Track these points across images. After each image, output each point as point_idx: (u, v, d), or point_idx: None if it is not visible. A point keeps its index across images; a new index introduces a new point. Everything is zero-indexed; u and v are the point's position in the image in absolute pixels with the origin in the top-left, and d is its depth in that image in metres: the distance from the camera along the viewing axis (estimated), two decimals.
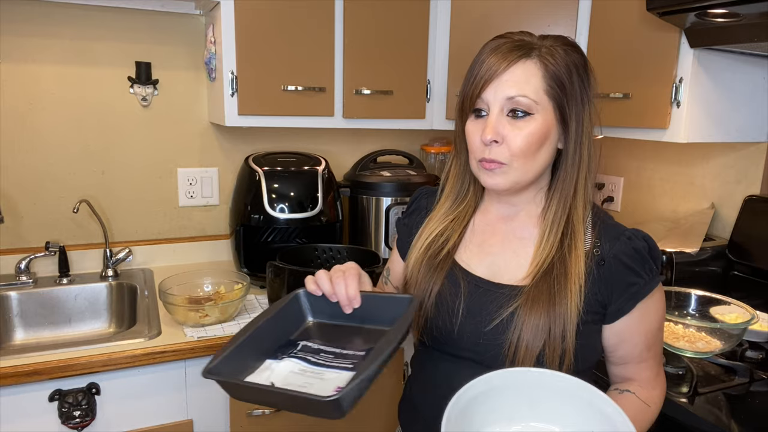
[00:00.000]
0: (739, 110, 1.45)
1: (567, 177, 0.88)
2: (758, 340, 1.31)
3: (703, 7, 1.14)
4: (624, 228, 0.88)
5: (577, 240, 0.86)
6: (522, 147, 0.83)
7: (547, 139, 0.85)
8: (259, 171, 1.68)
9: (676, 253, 1.49)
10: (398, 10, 1.75)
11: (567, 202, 0.88)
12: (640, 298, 0.84)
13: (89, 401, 1.28)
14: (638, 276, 0.84)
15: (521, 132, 0.83)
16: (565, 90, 0.84)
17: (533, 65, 0.83)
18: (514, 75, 0.83)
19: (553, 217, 0.88)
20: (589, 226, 0.88)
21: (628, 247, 0.85)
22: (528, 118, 0.83)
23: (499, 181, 0.86)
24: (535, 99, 0.83)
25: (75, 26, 1.70)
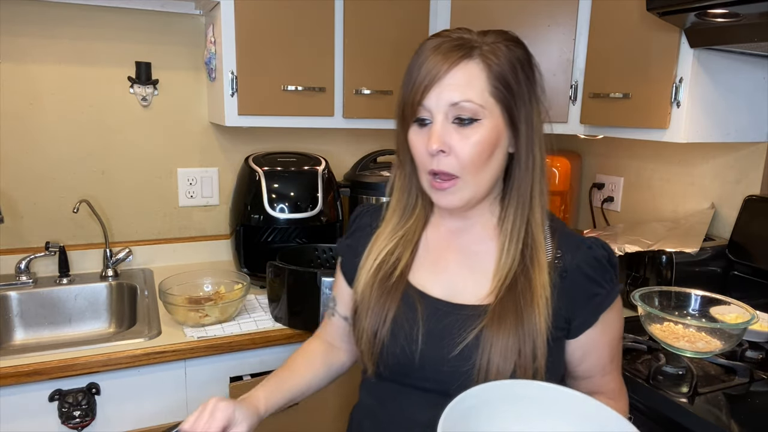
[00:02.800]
0: (739, 110, 1.45)
1: (522, 183, 0.82)
2: (758, 340, 1.31)
3: (703, 7, 1.14)
4: (582, 237, 0.85)
5: (539, 250, 0.81)
6: (472, 156, 0.77)
7: (497, 145, 0.79)
8: (259, 171, 1.68)
9: (676, 253, 1.49)
10: (398, 10, 1.75)
11: (525, 210, 0.82)
12: (604, 308, 0.81)
13: (89, 401, 1.28)
14: (600, 286, 0.81)
15: (469, 140, 0.76)
16: (512, 90, 0.78)
17: (476, 66, 0.76)
18: (456, 78, 0.76)
19: (512, 227, 0.82)
20: (548, 236, 0.84)
21: (590, 257, 0.81)
22: (475, 124, 0.77)
23: (452, 200, 0.80)
24: (481, 103, 0.76)
25: (75, 26, 1.70)
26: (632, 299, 1.27)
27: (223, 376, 1.43)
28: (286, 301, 1.42)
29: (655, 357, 1.22)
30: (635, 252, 1.53)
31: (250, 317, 1.51)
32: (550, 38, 1.69)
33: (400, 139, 0.85)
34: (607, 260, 0.82)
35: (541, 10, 1.68)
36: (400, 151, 0.87)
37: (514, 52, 0.79)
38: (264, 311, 1.55)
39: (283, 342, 1.45)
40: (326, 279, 1.35)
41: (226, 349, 1.39)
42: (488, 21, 1.75)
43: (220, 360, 1.41)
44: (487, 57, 0.77)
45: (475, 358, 0.76)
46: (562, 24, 1.66)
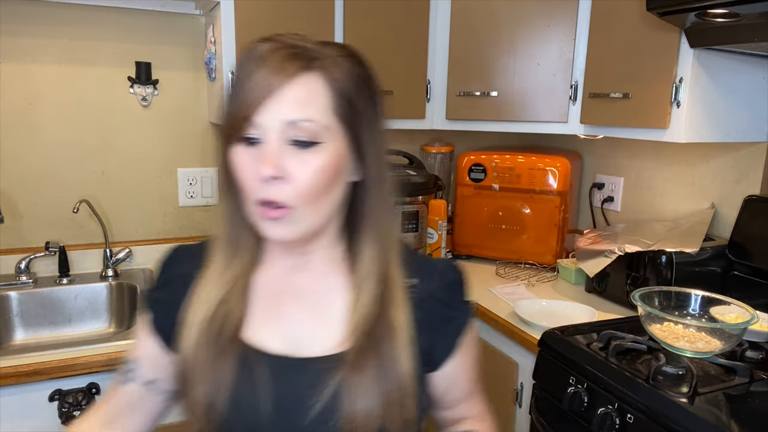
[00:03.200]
0: (739, 110, 1.45)
1: (374, 213, 0.72)
2: (758, 340, 1.31)
3: (703, 7, 1.14)
4: (433, 261, 0.80)
5: (396, 286, 0.72)
6: (311, 185, 0.64)
7: (340, 172, 0.67)
8: None
9: (676, 253, 1.49)
10: (398, 10, 1.75)
11: (380, 244, 0.72)
12: (461, 332, 0.76)
13: (89, 401, 1.28)
14: (455, 309, 0.76)
15: (309, 166, 0.64)
16: (357, 109, 0.68)
17: (317, 80, 0.65)
18: (295, 92, 0.63)
19: (366, 263, 0.72)
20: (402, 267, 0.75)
21: (443, 282, 0.75)
22: (316, 147, 0.64)
23: (284, 233, 0.67)
24: (324, 123, 0.65)
25: (75, 26, 1.70)
26: (632, 299, 1.27)
27: None
28: None
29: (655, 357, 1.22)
30: (635, 252, 1.53)
31: None
32: (550, 38, 1.69)
33: (220, 161, 0.69)
34: (460, 282, 0.77)
35: (541, 10, 1.68)
36: (222, 178, 0.71)
37: (358, 68, 0.70)
38: None
39: None
40: None
41: None
42: (488, 21, 1.75)
43: None
44: (330, 71, 0.66)
45: (338, 416, 0.66)
46: (562, 24, 1.66)
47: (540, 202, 1.95)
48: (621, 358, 1.22)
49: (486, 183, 2.01)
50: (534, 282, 1.85)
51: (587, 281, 1.75)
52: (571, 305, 1.61)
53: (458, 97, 1.84)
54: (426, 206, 1.91)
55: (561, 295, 1.73)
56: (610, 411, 1.12)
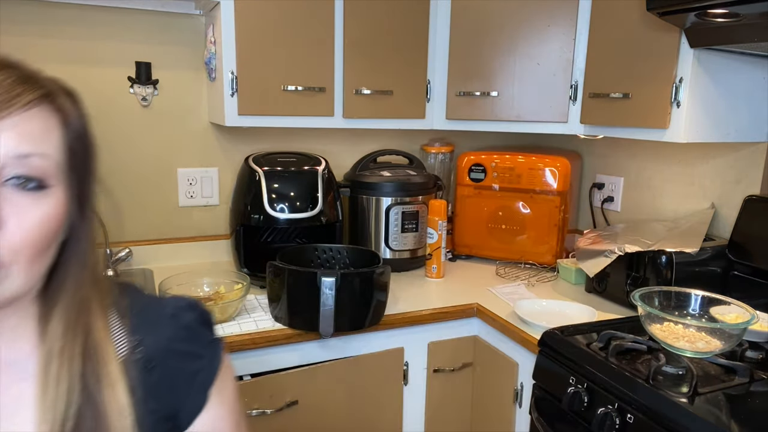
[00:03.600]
0: (739, 110, 1.45)
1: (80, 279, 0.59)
2: (758, 340, 1.31)
3: (703, 7, 1.14)
4: (162, 303, 0.67)
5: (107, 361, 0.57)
6: (34, 239, 0.52)
7: (62, 224, 0.56)
8: (259, 171, 1.68)
9: (676, 253, 1.49)
10: (398, 10, 1.75)
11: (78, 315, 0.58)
12: (211, 382, 0.65)
13: None
14: (200, 357, 0.65)
15: (34, 213, 0.52)
16: (88, 156, 0.59)
17: (51, 115, 0.55)
18: (28, 124, 0.52)
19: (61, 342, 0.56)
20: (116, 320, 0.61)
21: (177, 329, 0.64)
22: (44, 192, 0.53)
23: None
24: (58, 161, 0.55)
25: (75, 26, 1.70)
26: (632, 299, 1.27)
27: None
28: (286, 301, 1.43)
29: (655, 357, 1.22)
30: (635, 252, 1.53)
31: (250, 317, 1.51)
32: (550, 38, 1.69)
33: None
34: (200, 322, 0.66)
35: (541, 10, 1.68)
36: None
37: (82, 109, 0.61)
38: (264, 311, 1.55)
39: (284, 342, 1.45)
40: (326, 279, 1.35)
41: (226, 349, 1.38)
42: (488, 21, 1.76)
43: None
44: (63, 107, 0.57)
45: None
46: (562, 24, 1.66)
47: (540, 202, 1.95)
48: (621, 358, 1.22)
49: (486, 183, 2.01)
50: (534, 282, 1.85)
51: (587, 281, 1.75)
52: (571, 305, 1.61)
53: (458, 97, 1.84)
54: (426, 206, 1.91)
55: (561, 295, 1.73)
56: (610, 411, 1.12)
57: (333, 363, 1.50)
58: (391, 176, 1.90)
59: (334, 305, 1.36)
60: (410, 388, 1.62)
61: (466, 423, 1.72)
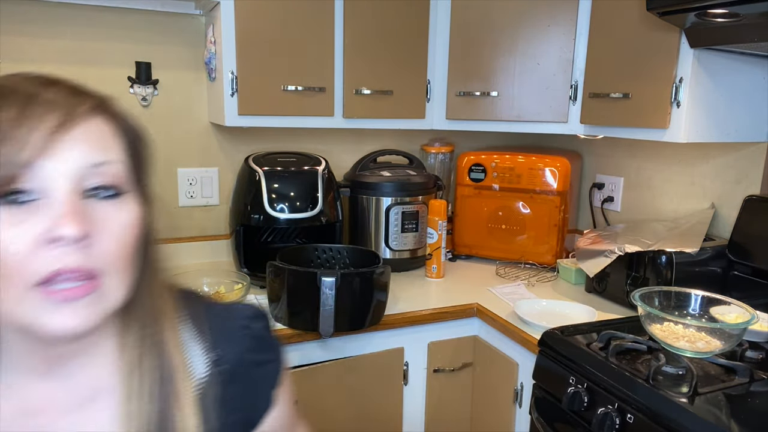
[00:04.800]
0: (739, 110, 1.45)
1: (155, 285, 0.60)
2: (758, 340, 1.31)
3: (703, 7, 1.14)
4: (232, 313, 0.67)
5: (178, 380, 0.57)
6: (122, 246, 0.52)
7: (142, 228, 0.56)
8: (259, 171, 1.68)
9: (676, 253, 1.49)
10: (398, 10, 1.75)
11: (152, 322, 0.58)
12: (276, 383, 0.69)
13: None
14: (270, 362, 0.69)
15: (119, 219, 0.52)
16: (142, 159, 0.58)
17: (104, 121, 0.54)
18: (91, 133, 0.51)
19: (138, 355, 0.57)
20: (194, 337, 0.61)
21: (251, 340, 0.66)
22: (121, 198, 0.53)
23: (89, 316, 0.50)
24: (126, 166, 0.54)
25: (75, 26, 1.70)
26: (632, 299, 1.27)
27: None
28: (286, 301, 1.43)
29: (655, 357, 1.22)
30: (635, 252, 1.53)
31: None
32: (550, 38, 1.69)
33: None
34: (267, 329, 0.69)
35: (541, 10, 1.68)
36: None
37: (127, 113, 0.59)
38: None
39: (283, 342, 1.44)
40: (326, 279, 1.35)
41: None
42: (488, 21, 1.76)
43: None
44: (112, 111, 0.55)
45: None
46: (562, 24, 1.66)
47: (540, 202, 1.95)
48: (621, 358, 1.22)
49: (486, 183, 2.01)
50: (534, 282, 1.85)
51: (587, 281, 1.75)
52: (571, 305, 1.61)
53: (458, 97, 1.84)
54: (426, 206, 1.91)
55: (561, 295, 1.73)
56: (610, 411, 1.12)
57: (333, 363, 1.50)
58: (391, 176, 1.90)
59: (334, 305, 1.36)
60: (410, 388, 1.62)
61: (466, 423, 1.72)
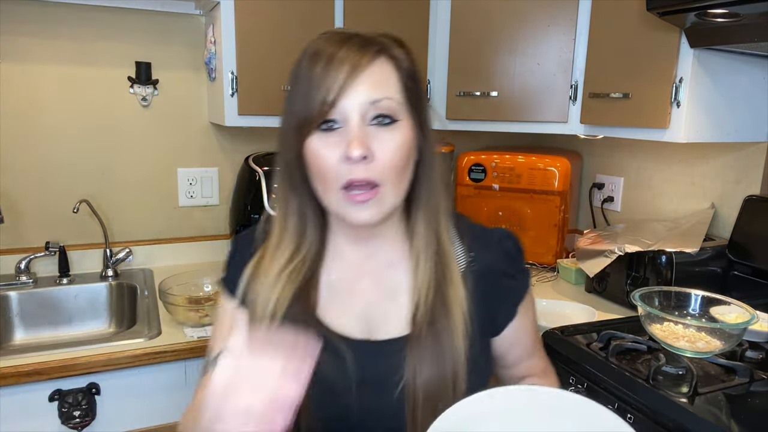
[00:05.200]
0: (739, 110, 1.45)
1: (430, 190, 0.75)
2: (758, 340, 1.31)
3: (703, 7, 1.14)
4: (489, 231, 0.83)
5: (449, 261, 0.76)
6: (395, 161, 0.69)
7: (413, 148, 0.72)
8: (259, 171, 1.68)
9: (676, 253, 1.49)
10: (398, 10, 1.75)
11: (433, 221, 0.76)
12: (521, 299, 0.82)
13: (89, 401, 1.28)
14: (514, 278, 0.81)
15: (392, 143, 0.68)
16: (419, 90, 0.74)
17: (387, 63, 0.70)
18: (374, 75, 0.68)
19: (423, 242, 0.75)
20: (457, 239, 0.79)
21: (501, 252, 0.80)
22: (396, 125, 0.69)
23: (372, 214, 0.69)
24: (399, 100, 0.70)
25: (75, 26, 1.70)
26: (632, 299, 1.27)
27: None
28: None
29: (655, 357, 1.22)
30: (635, 252, 1.53)
31: None
32: (550, 38, 1.69)
33: (289, 158, 0.72)
34: (516, 249, 0.82)
35: (541, 10, 1.68)
36: (291, 172, 0.74)
37: (409, 53, 0.74)
38: None
39: None
40: None
41: None
42: (488, 21, 1.75)
43: None
44: (395, 56, 0.71)
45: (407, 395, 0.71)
46: (562, 24, 1.66)
47: (540, 202, 1.94)
48: (621, 358, 1.22)
49: (486, 183, 2.01)
50: (534, 282, 1.85)
51: (587, 281, 1.75)
52: (571, 305, 1.61)
53: (458, 97, 1.84)
54: None
55: (561, 295, 1.73)
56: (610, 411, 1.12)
57: None
58: None
59: None
60: None
61: None
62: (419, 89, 0.74)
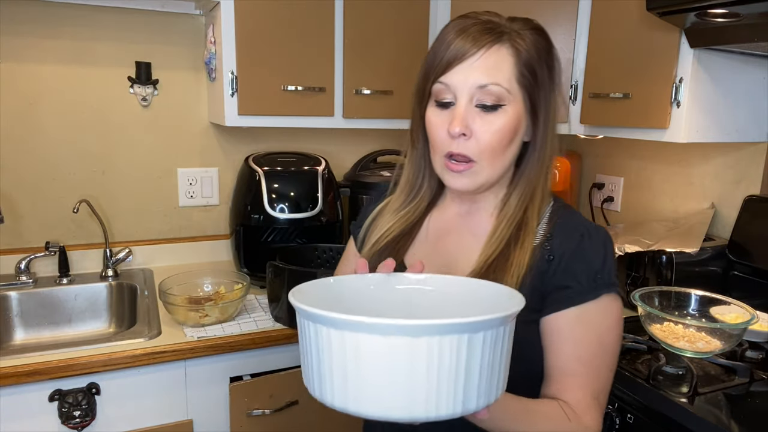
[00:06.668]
0: (739, 110, 1.45)
1: (531, 171, 0.83)
2: (758, 340, 1.31)
3: (703, 7, 1.14)
4: (585, 225, 0.82)
5: (528, 233, 0.80)
6: (492, 143, 0.77)
7: (517, 133, 0.79)
8: (259, 171, 1.68)
9: (676, 253, 1.49)
10: (398, 10, 1.75)
11: (526, 197, 0.83)
12: (572, 304, 0.77)
13: (89, 401, 1.28)
14: (575, 280, 0.77)
15: (492, 126, 0.77)
16: (537, 78, 0.78)
17: (505, 50, 0.76)
18: (486, 61, 0.75)
19: (511, 212, 0.82)
20: (545, 220, 0.83)
21: (577, 246, 0.79)
22: (500, 110, 0.77)
23: (465, 183, 0.80)
24: (507, 87, 0.76)
25: (75, 26, 1.70)
26: (632, 299, 1.27)
27: (223, 376, 1.43)
28: (286, 301, 1.42)
29: (655, 357, 1.22)
30: (635, 252, 1.53)
31: (250, 317, 1.51)
32: None
33: (415, 117, 0.85)
34: (598, 256, 0.78)
35: (541, 10, 1.68)
36: (414, 130, 0.87)
37: (540, 41, 0.80)
38: (264, 311, 1.55)
39: (284, 342, 1.45)
40: None
41: (226, 349, 1.39)
42: None
43: (220, 360, 1.41)
44: (517, 43, 0.77)
45: None
46: (562, 24, 1.66)
47: None
48: (621, 358, 1.21)
49: None
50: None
51: None
52: None
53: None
54: None
55: None
56: (610, 411, 1.12)
57: None
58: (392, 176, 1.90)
59: None
60: None
61: None
62: (539, 78, 0.78)
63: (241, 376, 1.45)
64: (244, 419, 1.43)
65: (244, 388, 1.42)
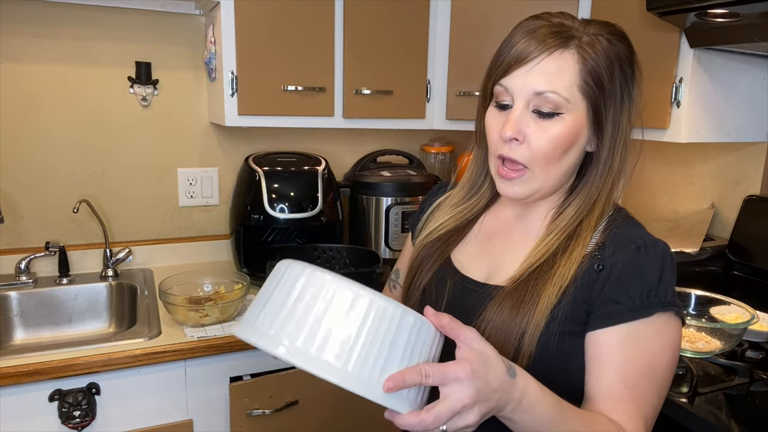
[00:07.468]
0: (739, 110, 1.45)
1: (594, 183, 0.79)
2: (758, 340, 1.31)
3: (703, 7, 1.14)
4: (643, 237, 0.75)
5: (578, 244, 0.76)
6: (545, 150, 0.74)
7: (574, 142, 0.75)
8: (259, 171, 1.68)
9: (676, 253, 1.49)
10: (398, 10, 1.75)
11: (584, 210, 0.79)
12: (621, 321, 0.71)
13: (89, 401, 1.28)
14: (627, 296, 0.72)
15: (546, 133, 0.74)
16: (604, 88, 0.74)
17: (570, 57, 0.73)
18: (547, 66, 0.72)
19: (564, 223, 0.79)
20: (601, 229, 0.78)
21: (630, 259, 0.73)
22: (556, 118, 0.74)
23: (516, 191, 0.78)
24: (566, 96, 0.73)
25: (75, 26, 1.70)
26: None
27: (223, 376, 1.43)
28: None
29: None
30: None
31: None
32: None
33: (479, 116, 0.84)
34: (655, 271, 0.72)
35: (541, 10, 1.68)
36: (478, 130, 0.86)
37: (615, 48, 0.76)
38: None
39: None
40: None
41: (226, 349, 1.39)
42: (488, 21, 1.75)
43: (220, 360, 1.41)
44: (584, 50, 0.73)
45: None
46: None
47: None
48: None
49: None
50: None
51: None
52: None
53: (458, 97, 1.84)
54: None
55: None
56: None
57: None
58: (391, 176, 1.90)
59: None
60: None
61: None
62: (606, 88, 0.74)
63: (241, 376, 1.45)
64: (244, 419, 1.43)
65: (244, 388, 1.42)
